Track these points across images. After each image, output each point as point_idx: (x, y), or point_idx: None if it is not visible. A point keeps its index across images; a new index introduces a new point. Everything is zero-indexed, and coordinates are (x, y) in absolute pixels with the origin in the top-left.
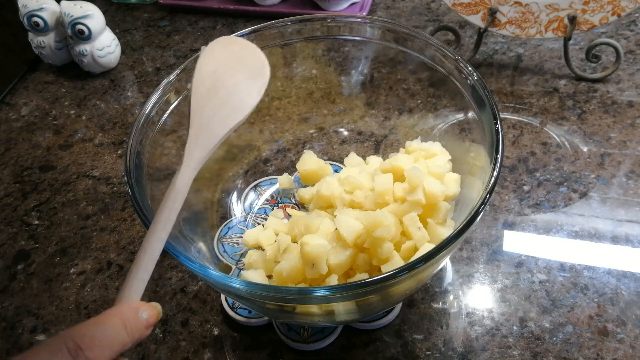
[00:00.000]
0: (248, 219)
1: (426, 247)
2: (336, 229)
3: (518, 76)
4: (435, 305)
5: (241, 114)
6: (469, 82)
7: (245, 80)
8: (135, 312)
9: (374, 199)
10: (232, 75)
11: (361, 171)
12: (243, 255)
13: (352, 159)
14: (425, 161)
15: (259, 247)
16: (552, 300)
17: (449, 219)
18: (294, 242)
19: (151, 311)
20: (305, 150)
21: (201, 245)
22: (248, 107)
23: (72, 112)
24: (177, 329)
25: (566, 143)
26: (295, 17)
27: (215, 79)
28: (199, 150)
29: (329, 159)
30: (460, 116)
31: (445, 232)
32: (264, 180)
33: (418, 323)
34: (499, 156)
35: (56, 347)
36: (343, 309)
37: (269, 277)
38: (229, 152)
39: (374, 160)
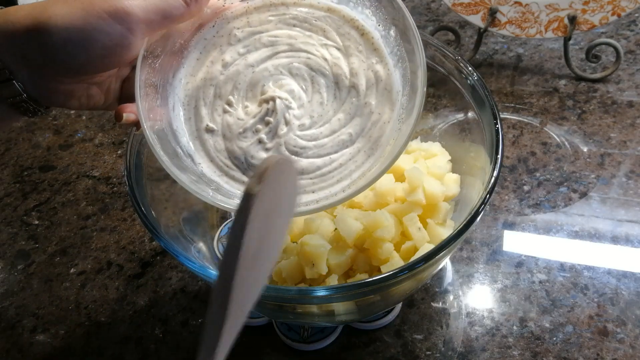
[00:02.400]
0: None
1: (426, 248)
2: (336, 229)
3: (518, 76)
4: (435, 305)
5: (266, 275)
6: (469, 82)
7: (279, 226)
8: None
9: (374, 199)
10: (273, 224)
11: None
12: None
13: None
14: (425, 161)
15: None
16: (552, 300)
17: (449, 219)
18: (293, 242)
19: None
20: None
21: (201, 245)
22: (273, 261)
23: (72, 112)
24: (177, 329)
25: (566, 143)
26: None
27: (260, 237)
28: (228, 342)
29: None
30: (460, 116)
31: (445, 232)
32: None
33: (418, 323)
34: (499, 156)
35: None
36: (343, 309)
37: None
38: None
39: None
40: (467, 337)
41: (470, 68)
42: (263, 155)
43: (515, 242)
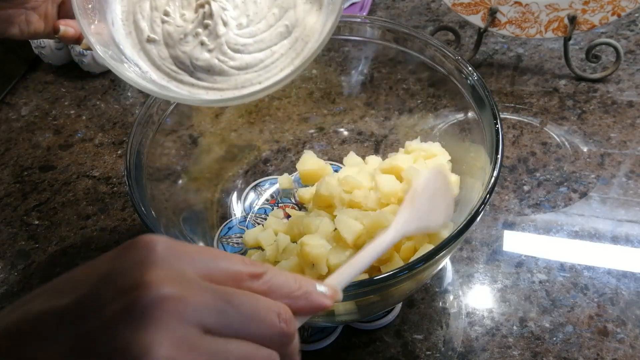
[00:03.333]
0: (248, 219)
1: (426, 248)
2: (336, 229)
3: (518, 76)
4: (435, 305)
5: (433, 229)
6: (469, 82)
7: (442, 208)
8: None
9: (375, 199)
10: (438, 198)
11: (360, 171)
12: (243, 255)
13: (352, 158)
14: (424, 161)
15: (259, 247)
16: (552, 300)
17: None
18: (293, 242)
19: (331, 291)
20: (305, 151)
21: (201, 245)
22: (437, 226)
23: (72, 112)
24: None
25: (566, 143)
26: None
27: (432, 194)
28: (412, 226)
29: (329, 159)
30: (460, 116)
31: (445, 232)
32: (264, 180)
33: (418, 323)
34: (499, 156)
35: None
36: (343, 309)
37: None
38: (229, 152)
39: (373, 160)
40: (467, 337)
41: (470, 68)
42: (207, 55)
43: (515, 242)
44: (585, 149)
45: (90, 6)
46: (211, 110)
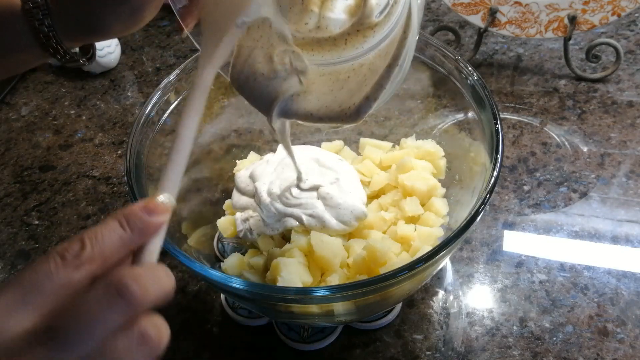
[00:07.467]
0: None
1: (426, 248)
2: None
3: (518, 76)
4: (435, 305)
5: (234, 31)
6: (469, 82)
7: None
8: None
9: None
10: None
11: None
12: (243, 255)
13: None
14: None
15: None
16: (552, 300)
17: (445, 214)
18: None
19: (161, 205)
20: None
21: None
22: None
23: (72, 112)
24: (177, 329)
25: (566, 143)
26: None
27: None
28: (216, 49)
29: None
30: (460, 116)
31: (437, 230)
32: None
33: (418, 323)
34: (499, 156)
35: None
36: (342, 309)
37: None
38: (228, 152)
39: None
40: (467, 337)
41: (470, 68)
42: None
43: (515, 242)
44: (585, 149)
45: None
46: (211, 110)
